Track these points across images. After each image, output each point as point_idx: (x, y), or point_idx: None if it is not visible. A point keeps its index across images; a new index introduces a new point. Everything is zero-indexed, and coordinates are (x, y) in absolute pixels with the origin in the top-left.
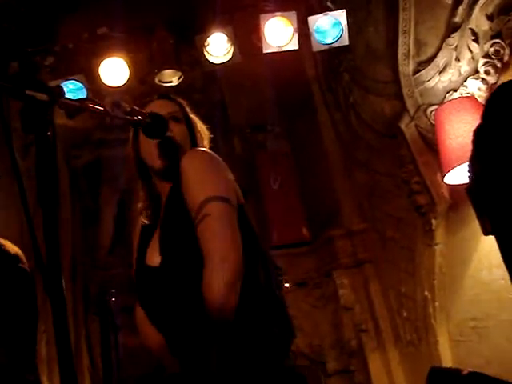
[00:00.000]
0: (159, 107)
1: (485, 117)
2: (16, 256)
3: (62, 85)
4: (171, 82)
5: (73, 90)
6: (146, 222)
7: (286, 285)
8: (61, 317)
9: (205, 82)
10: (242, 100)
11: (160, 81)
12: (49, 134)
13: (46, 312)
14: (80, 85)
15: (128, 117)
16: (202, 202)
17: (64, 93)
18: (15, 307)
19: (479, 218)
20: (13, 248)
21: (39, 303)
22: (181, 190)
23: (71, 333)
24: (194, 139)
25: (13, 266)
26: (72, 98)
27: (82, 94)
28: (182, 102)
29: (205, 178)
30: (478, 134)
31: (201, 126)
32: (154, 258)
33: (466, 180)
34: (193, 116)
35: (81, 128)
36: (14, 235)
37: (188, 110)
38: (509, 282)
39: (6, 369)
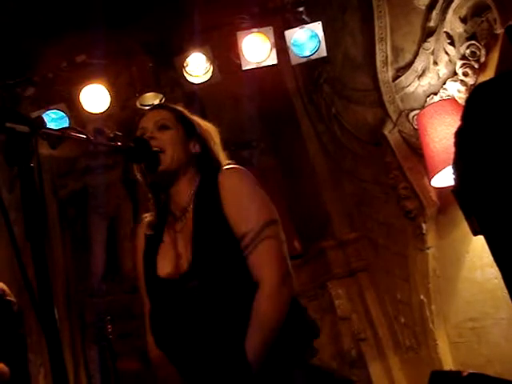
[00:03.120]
0: (147, 120)
1: (464, 118)
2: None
3: (43, 115)
4: (153, 104)
5: (55, 119)
6: (149, 232)
7: None
8: (56, 350)
9: (186, 103)
10: (225, 118)
11: (141, 104)
12: (32, 165)
13: (42, 345)
14: (62, 114)
15: (111, 143)
16: (261, 225)
17: (45, 123)
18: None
19: (467, 218)
20: None
21: (35, 337)
22: (221, 206)
23: (69, 362)
24: (199, 139)
25: None
26: (55, 127)
27: (65, 123)
28: (176, 107)
29: (255, 200)
30: (459, 135)
31: (206, 125)
32: (169, 269)
33: (453, 182)
34: (193, 117)
35: (66, 157)
36: (5, 270)
37: (186, 113)
38: (502, 280)
39: None
